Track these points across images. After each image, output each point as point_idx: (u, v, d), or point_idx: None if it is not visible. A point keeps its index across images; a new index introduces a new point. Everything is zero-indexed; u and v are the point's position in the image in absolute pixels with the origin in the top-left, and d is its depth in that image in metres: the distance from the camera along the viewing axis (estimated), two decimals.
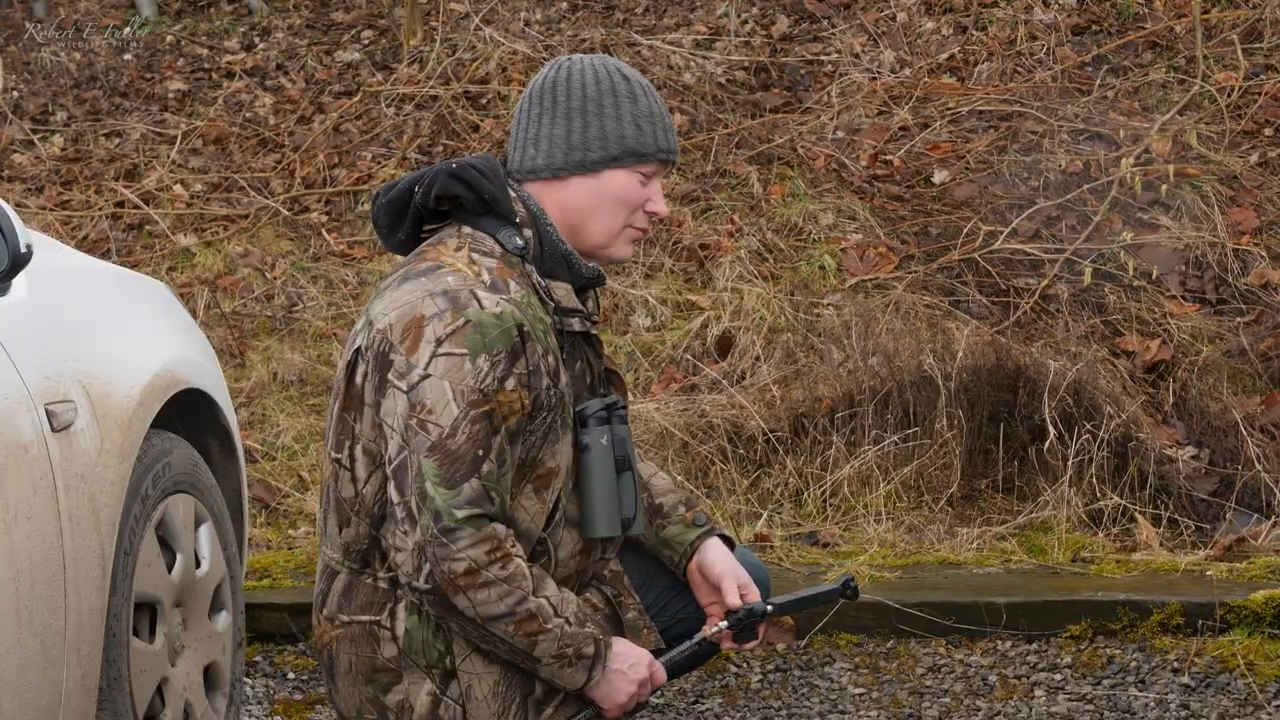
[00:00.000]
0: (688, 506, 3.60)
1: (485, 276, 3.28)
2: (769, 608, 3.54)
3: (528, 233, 3.35)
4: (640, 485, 3.49)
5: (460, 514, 3.19)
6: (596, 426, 3.35)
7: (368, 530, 3.36)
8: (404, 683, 3.36)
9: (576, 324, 3.37)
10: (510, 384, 3.22)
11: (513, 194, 3.37)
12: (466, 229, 3.36)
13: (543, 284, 3.33)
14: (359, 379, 3.32)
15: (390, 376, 3.25)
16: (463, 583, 3.21)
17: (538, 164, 3.38)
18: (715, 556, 3.56)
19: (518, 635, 3.25)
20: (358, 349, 3.33)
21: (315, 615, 3.46)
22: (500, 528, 3.23)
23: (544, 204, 3.38)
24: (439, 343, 3.21)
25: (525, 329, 3.24)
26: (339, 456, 3.37)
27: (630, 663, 3.38)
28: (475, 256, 3.32)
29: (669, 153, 3.40)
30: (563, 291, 3.36)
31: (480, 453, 3.20)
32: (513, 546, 3.24)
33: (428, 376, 3.21)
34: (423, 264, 3.32)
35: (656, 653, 3.48)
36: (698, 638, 3.52)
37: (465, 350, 3.20)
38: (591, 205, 3.38)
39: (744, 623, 3.52)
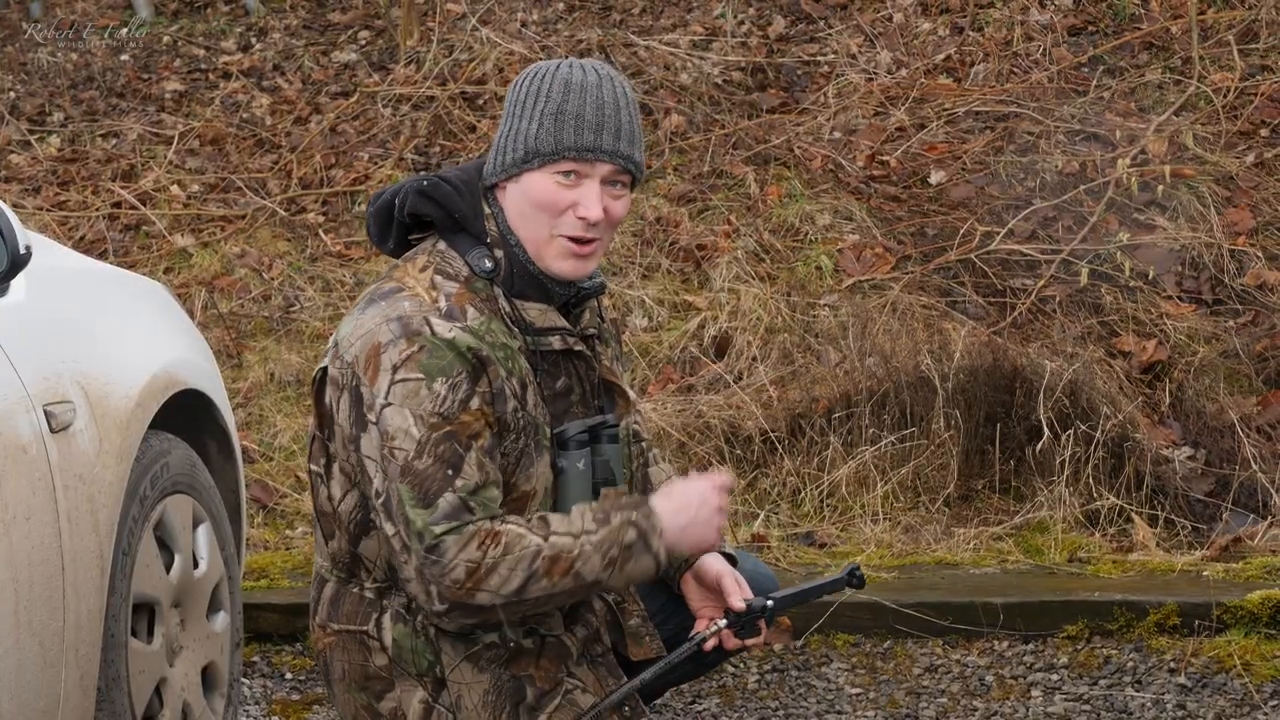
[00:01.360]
0: None
1: (442, 303, 3.22)
2: (769, 602, 3.48)
3: (499, 253, 3.28)
4: None
5: (439, 529, 3.15)
6: (576, 450, 3.29)
7: (348, 545, 3.35)
8: (396, 690, 3.35)
9: (556, 342, 3.30)
10: (474, 403, 3.17)
11: (487, 210, 3.31)
12: (441, 245, 3.31)
13: (508, 309, 3.27)
14: (328, 399, 3.30)
15: (364, 411, 3.22)
16: (471, 584, 3.16)
17: (485, 172, 3.33)
18: (711, 562, 3.52)
19: (555, 582, 3.19)
20: (324, 369, 3.31)
21: (310, 620, 3.46)
22: (482, 522, 3.16)
23: (500, 213, 3.30)
24: (395, 370, 3.17)
25: (483, 354, 3.19)
26: (317, 470, 3.37)
27: (689, 503, 3.28)
28: (438, 280, 3.26)
29: (580, 150, 3.21)
30: (536, 312, 3.29)
31: (450, 471, 3.15)
32: (498, 523, 3.17)
33: (389, 405, 3.17)
34: (387, 285, 3.28)
35: (659, 659, 3.46)
36: (697, 638, 3.46)
37: (421, 375, 3.16)
38: (518, 212, 3.28)
39: (744, 619, 3.47)
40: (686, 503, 3.29)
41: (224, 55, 8.67)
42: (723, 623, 3.47)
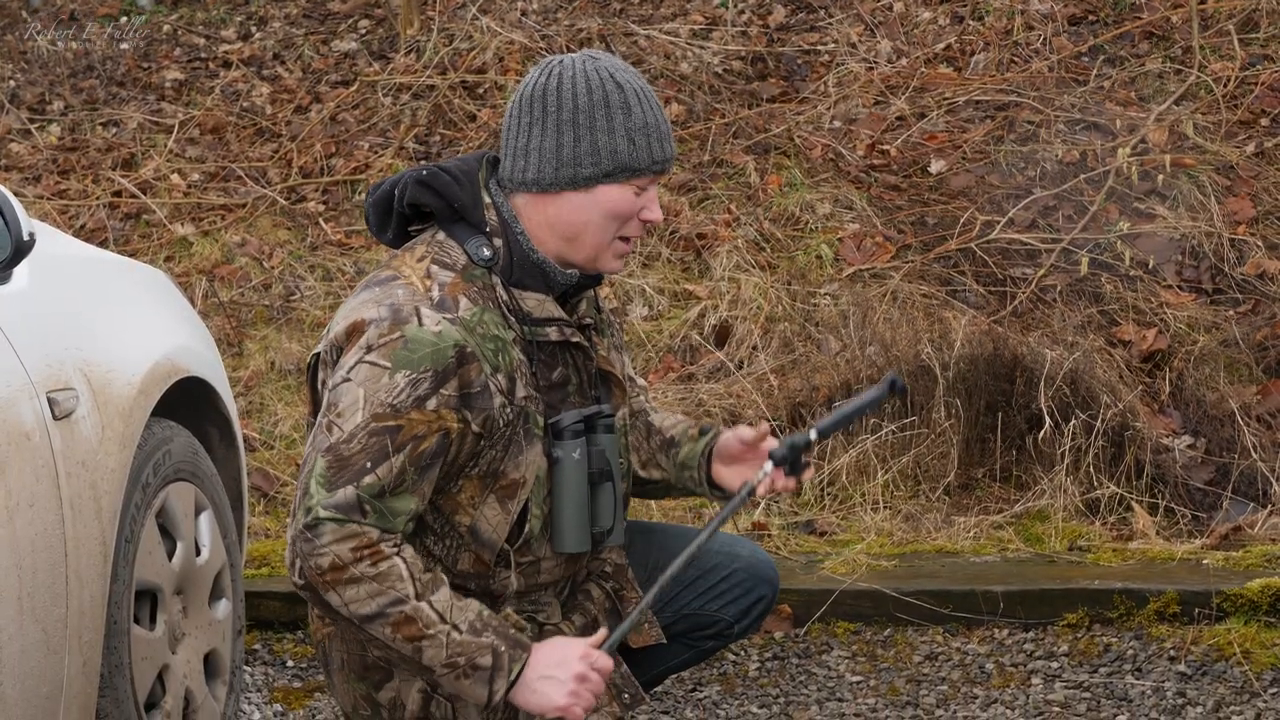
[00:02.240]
0: (694, 427, 3.57)
1: (435, 293, 3.23)
2: (812, 435, 3.36)
3: (498, 242, 3.30)
4: (622, 498, 3.42)
5: (324, 513, 3.16)
6: (571, 440, 3.30)
7: None
8: (395, 680, 3.36)
9: (553, 333, 3.32)
10: (431, 404, 3.17)
11: (487, 199, 3.32)
12: (440, 235, 3.32)
13: (505, 298, 3.28)
14: (319, 385, 3.32)
15: (327, 378, 3.26)
16: (330, 578, 3.17)
17: (528, 178, 3.30)
18: (725, 440, 3.50)
19: (398, 639, 3.18)
20: (317, 354, 3.32)
21: (310, 610, 3.47)
22: (373, 530, 3.16)
23: (533, 216, 3.31)
24: (368, 349, 3.18)
25: (467, 350, 3.19)
26: None
27: (556, 660, 3.23)
28: (434, 269, 3.27)
29: (664, 162, 3.32)
30: (534, 302, 3.31)
31: (368, 465, 3.16)
32: (392, 548, 3.17)
33: (347, 380, 3.19)
34: (384, 273, 3.30)
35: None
36: (746, 487, 3.35)
37: (389, 364, 3.17)
38: (584, 220, 3.30)
39: (789, 458, 3.35)
40: (558, 659, 3.23)
41: (224, 44, 8.66)
42: (769, 466, 3.36)
